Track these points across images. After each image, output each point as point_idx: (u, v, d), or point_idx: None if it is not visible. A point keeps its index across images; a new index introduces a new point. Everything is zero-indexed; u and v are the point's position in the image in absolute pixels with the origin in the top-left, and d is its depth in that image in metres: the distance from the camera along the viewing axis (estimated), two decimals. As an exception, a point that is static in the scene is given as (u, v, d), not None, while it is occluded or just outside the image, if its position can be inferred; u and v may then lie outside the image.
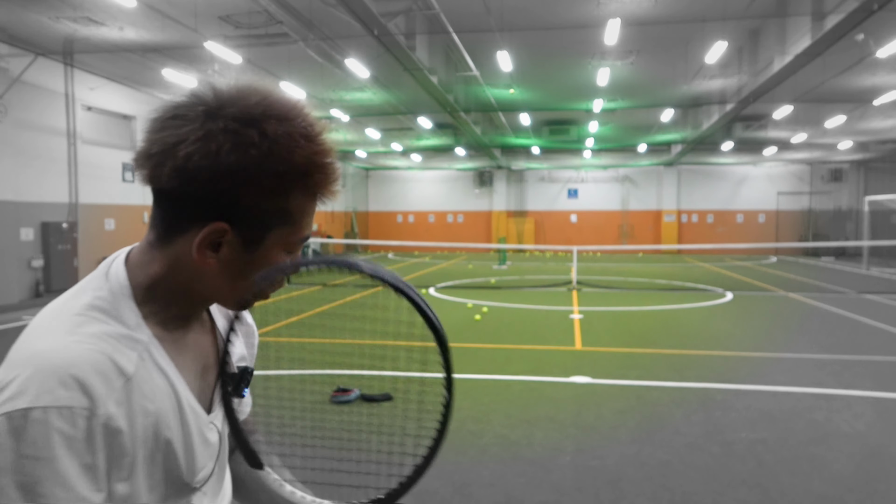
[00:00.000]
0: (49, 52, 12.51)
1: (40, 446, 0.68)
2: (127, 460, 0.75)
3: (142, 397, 0.77)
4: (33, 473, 0.68)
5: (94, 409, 0.71)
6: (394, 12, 10.91)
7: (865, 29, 10.53)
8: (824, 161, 28.20)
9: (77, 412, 0.70)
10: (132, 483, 0.77)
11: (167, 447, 0.81)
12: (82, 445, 0.70)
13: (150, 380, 0.79)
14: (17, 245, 12.82)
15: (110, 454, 0.73)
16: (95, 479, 0.71)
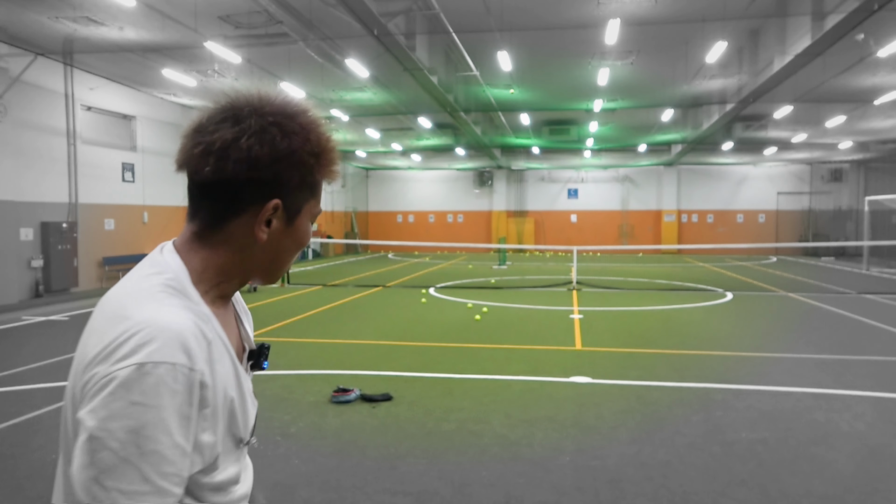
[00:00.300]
0: (49, 51, 12.50)
1: (150, 396, 0.80)
2: (209, 411, 0.89)
3: (216, 360, 0.92)
4: (141, 419, 0.79)
5: (192, 366, 0.85)
6: (394, 12, 10.91)
7: (865, 29, 10.53)
8: (824, 161, 28.20)
9: (180, 368, 0.83)
10: (214, 433, 0.91)
11: (231, 405, 0.95)
12: (183, 397, 0.83)
13: (217, 346, 0.94)
14: (17, 245, 12.81)
15: (200, 406, 0.87)
16: (188, 428, 0.85)
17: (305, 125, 0.99)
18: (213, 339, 0.93)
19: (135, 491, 0.79)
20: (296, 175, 0.98)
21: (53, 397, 5.76)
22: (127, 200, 16.41)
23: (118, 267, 15.81)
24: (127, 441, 0.79)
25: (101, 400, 0.80)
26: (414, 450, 4.46)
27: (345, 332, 8.90)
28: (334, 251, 29.57)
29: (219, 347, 0.94)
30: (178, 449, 0.82)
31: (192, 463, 0.87)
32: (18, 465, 4.22)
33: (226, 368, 0.95)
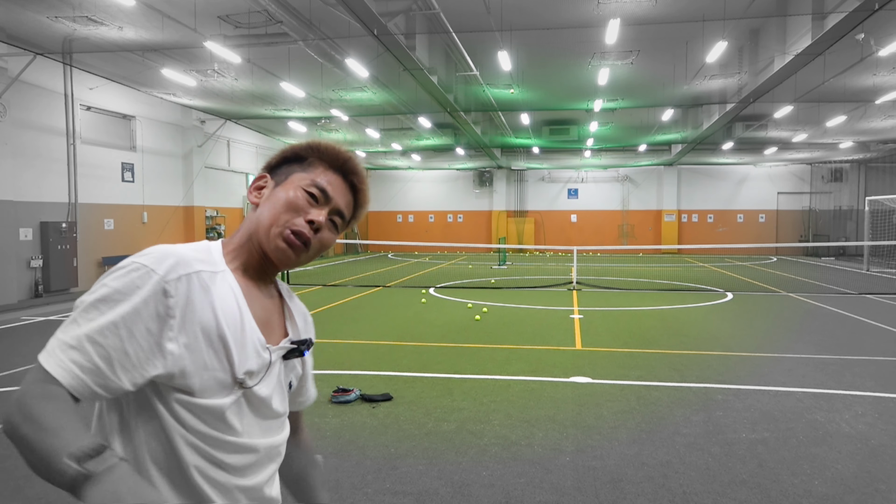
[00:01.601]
0: (48, 51, 12.50)
1: (118, 281, 1.04)
2: (174, 322, 1.04)
3: (208, 291, 1.09)
4: (102, 294, 1.03)
5: (161, 274, 1.04)
6: (394, 12, 10.90)
7: (866, 28, 10.52)
8: (824, 161, 28.19)
9: (148, 272, 1.04)
10: (179, 345, 1.04)
11: (224, 339, 1.09)
12: (142, 294, 1.02)
13: (221, 288, 1.12)
14: (17, 245, 12.81)
15: (164, 311, 1.03)
16: (137, 321, 1.01)
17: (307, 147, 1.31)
18: (211, 279, 1.11)
19: (65, 341, 0.99)
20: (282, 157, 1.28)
21: (53, 397, 5.74)
22: (126, 200, 16.41)
23: (118, 267, 15.81)
24: (85, 305, 1.02)
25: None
26: (414, 450, 4.46)
27: (345, 332, 8.90)
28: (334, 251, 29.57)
29: (221, 289, 1.12)
30: (117, 330, 1.00)
31: (146, 360, 1.02)
32: (18, 465, 4.22)
33: (227, 308, 1.11)
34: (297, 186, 1.21)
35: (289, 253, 1.19)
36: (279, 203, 1.20)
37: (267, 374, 1.18)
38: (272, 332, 1.22)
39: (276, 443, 1.23)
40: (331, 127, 21.65)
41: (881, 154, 26.23)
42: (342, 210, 1.26)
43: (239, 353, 1.11)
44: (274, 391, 1.20)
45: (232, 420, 1.12)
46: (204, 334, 1.07)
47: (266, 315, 1.22)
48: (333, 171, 1.26)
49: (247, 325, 1.14)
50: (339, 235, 1.29)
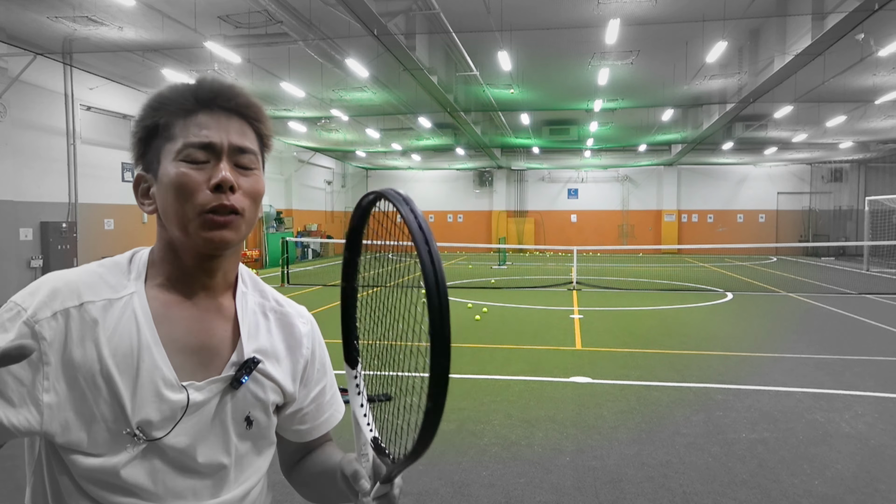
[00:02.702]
0: (48, 51, 12.50)
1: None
2: (50, 369, 0.87)
3: (94, 326, 0.90)
4: None
5: (30, 313, 0.88)
6: (394, 12, 10.90)
7: (866, 28, 10.52)
8: (824, 161, 28.19)
9: (16, 309, 0.88)
10: (59, 395, 0.88)
11: (110, 380, 0.90)
12: (9, 336, 0.86)
13: (118, 318, 0.92)
14: (17, 245, 12.81)
15: (38, 358, 0.87)
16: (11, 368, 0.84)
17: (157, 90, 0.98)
18: (106, 309, 0.92)
19: None
20: (138, 141, 0.99)
21: (53, 397, 5.75)
22: (127, 200, 16.40)
23: (118, 267, 15.81)
24: None
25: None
26: (414, 450, 4.45)
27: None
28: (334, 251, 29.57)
29: (118, 319, 0.92)
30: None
31: (18, 415, 0.86)
32: (18, 465, 4.22)
33: (120, 341, 0.91)
34: (172, 163, 0.93)
35: (224, 235, 0.94)
36: (171, 194, 0.93)
37: (188, 419, 0.94)
38: (212, 358, 0.98)
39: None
40: (331, 127, 21.64)
41: (881, 154, 26.23)
42: (240, 144, 0.96)
43: (130, 399, 0.90)
44: (202, 439, 0.96)
45: (134, 479, 0.91)
46: (86, 379, 0.88)
47: (199, 341, 0.97)
48: (196, 112, 0.95)
49: (145, 361, 0.91)
50: (261, 171, 1.01)
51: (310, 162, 27.01)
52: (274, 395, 1.05)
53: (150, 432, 0.92)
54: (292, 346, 1.09)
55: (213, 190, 0.93)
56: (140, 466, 0.92)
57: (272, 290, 1.12)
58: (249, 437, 1.02)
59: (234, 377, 0.98)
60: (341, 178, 31.16)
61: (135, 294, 0.95)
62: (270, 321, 1.07)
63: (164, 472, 0.94)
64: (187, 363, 0.96)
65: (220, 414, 0.98)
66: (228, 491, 1.00)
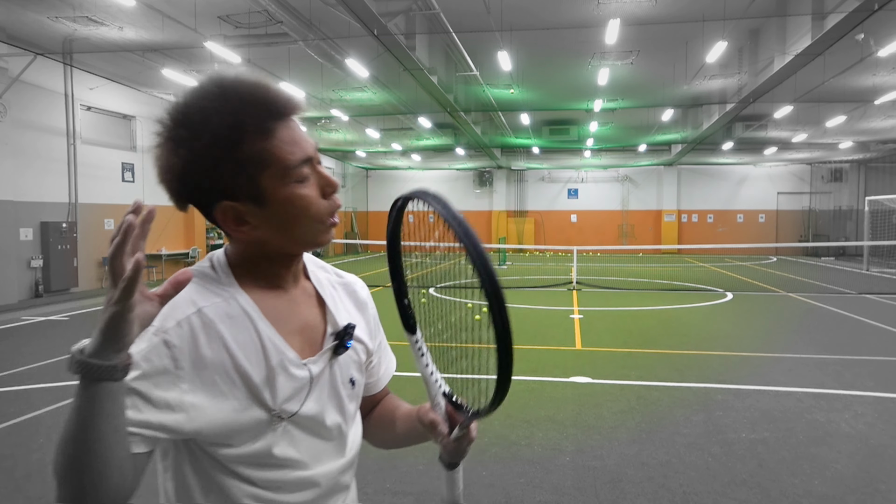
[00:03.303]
0: (48, 51, 12.50)
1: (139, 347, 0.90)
2: (184, 372, 0.93)
3: (214, 326, 0.96)
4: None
5: (154, 324, 0.90)
6: (394, 12, 10.90)
7: (866, 29, 10.53)
8: (824, 161, 28.19)
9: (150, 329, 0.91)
10: (196, 394, 0.93)
11: (245, 373, 0.97)
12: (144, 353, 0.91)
13: (232, 317, 0.98)
14: (17, 245, 12.81)
15: (165, 365, 0.92)
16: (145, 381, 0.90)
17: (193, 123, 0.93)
18: (218, 310, 0.97)
19: None
20: (218, 172, 0.94)
21: (53, 397, 5.76)
22: (127, 200, 16.40)
23: (118, 267, 15.80)
24: None
25: None
26: (414, 450, 4.45)
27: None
28: (334, 251, 29.57)
29: (231, 319, 0.98)
30: (133, 393, 0.89)
31: (170, 418, 0.91)
32: (18, 465, 4.22)
33: (241, 337, 0.98)
34: (283, 188, 0.97)
35: (334, 231, 1.06)
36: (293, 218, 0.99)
37: (312, 390, 1.05)
38: (313, 337, 1.08)
39: (338, 469, 1.10)
40: (331, 127, 21.65)
41: (881, 154, 26.23)
42: (316, 144, 1.04)
43: (269, 386, 0.99)
44: (326, 404, 1.07)
45: (285, 453, 1.02)
46: (220, 376, 0.95)
47: (300, 322, 1.07)
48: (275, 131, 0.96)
49: (269, 349, 1.00)
50: None
51: (310, 162, 26.97)
52: (363, 354, 1.19)
53: (288, 409, 1.01)
54: (361, 308, 1.22)
55: (327, 196, 1.01)
56: (286, 441, 1.02)
57: (325, 263, 1.23)
58: (353, 397, 1.15)
59: (338, 344, 1.09)
60: (341, 178, 31.15)
61: (236, 292, 1.01)
62: (339, 291, 1.18)
63: (304, 440, 1.04)
64: (297, 343, 1.05)
65: (333, 380, 1.09)
66: (348, 448, 1.14)
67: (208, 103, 0.93)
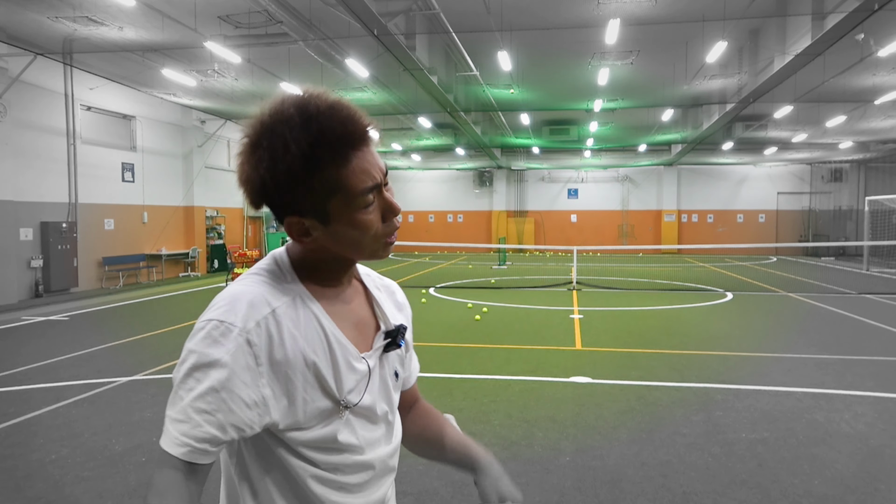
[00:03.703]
0: (48, 51, 12.50)
1: (199, 344, 0.98)
2: (263, 368, 1.00)
3: (289, 325, 1.04)
4: (190, 361, 0.98)
5: (237, 324, 0.99)
6: (394, 12, 10.90)
7: (866, 29, 10.53)
8: (824, 161, 28.19)
9: (225, 325, 0.99)
10: (274, 389, 1.01)
11: (315, 368, 1.05)
12: (226, 349, 0.98)
13: (299, 315, 1.06)
14: (17, 245, 12.81)
15: (248, 362, 0.99)
16: (233, 377, 0.97)
17: (273, 147, 1.00)
18: (289, 310, 1.05)
19: (174, 417, 0.98)
20: (291, 194, 1.03)
21: (53, 397, 5.76)
22: (127, 200, 16.41)
23: (118, 267, 15.81)
24: (181, 376, 0.99)
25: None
26: (414, 450, 4.45)
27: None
28: (334, 251, 29.56)
29: (300, 317, 1.06)
30: (218, 394, 0.97)
31: (252, 414, 1.00)
32: (18, 465, 4.22)
33: (309, 334, 1.06)
34: (350, 212, 1.04)
35: (392, 249, 1.14)
36: (355, 240, 1.07)
37: (370, 382, 1.14)
38: (366, 332, 1.18)
39: (388, 453, 1.20)
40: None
41: (881, 154, 26.23)
42: (385, 169, 1.10)
43: (335, 378, 1.08)
44: (378, 395, 1.17)
45: (347, 440, 1.11)
46: (294, 371, 1.03)
47: (355, 318, 1.16)
48: (350, 159, 1.03)
49: (334, 344, 1.09)
50: None
51: (310, 162, 26.99)
52: (404, 350, 1.29)
53: (351, 400, 1.11)
54: (401, 308, 1.31)
55: (387, 220, 1.09)
56: (348, 429, 1.11)
57: (366, 267, 1.31)
58: (396, 388, 1.25)
59: (391, 342, 1.19)
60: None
61: (301, 292, 1.09)
62: (383, 293, 1.27)
63: (361, 428, 1.14)
64: (353, 337, 1.14)
65: (383, 374, 1.20)
66: (395, 435, 1.24)
67: (289, 132, 1.00)
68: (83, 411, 5.36)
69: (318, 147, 1.00)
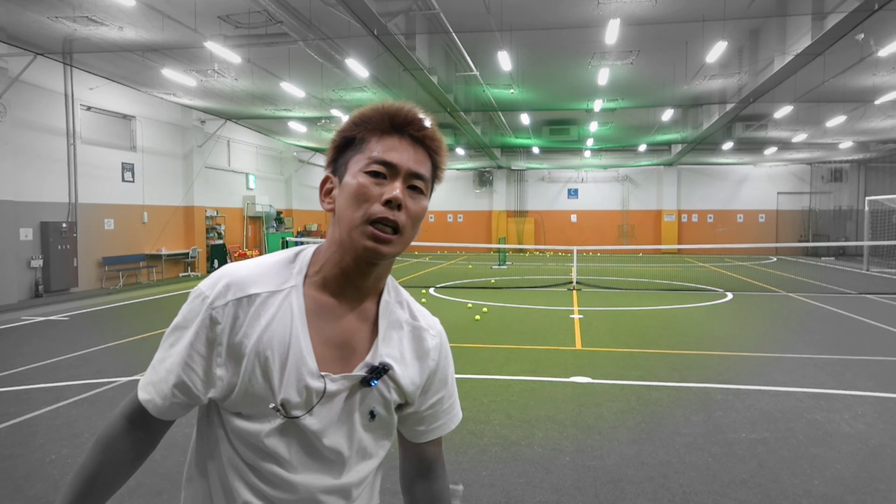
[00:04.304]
0: (48, 51, 12.50)
1: (184, 309, 1.10)
2: (222, 349, 1.05)
3: (261, 313, 1.06)
4: (176, 321, 1.10)
5: (211, 301, 1.06)
6: (394, 12, 10.90)
7: (866, 28, 10.53)
8: (824, 161, 28.20)
9: (203, 299, 1.07)
10: (227, 370, 1.06)
11: (266, 363, 1.05)
12: (198, 319, 1.06)
13: (278, 309, 1.07)
14: (17, 245, 12.81)
15: (213, 338, 1.06)
16: (194, 346, 1.06)
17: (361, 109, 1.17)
18: (269, 300, 1.07)
19: (152, 364, 1.12)
20: (335, 147, 1.14)
21: (53, 397, 5.76)
22: (127, 200, 16.41)
23: (118, 267, 15.81)
24: (168, 331, 1.10)
25: None
26: (414, 450, 4.45)
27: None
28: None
29: (277, 310, 1.07)
30: (182, 359, 1.06)
31: (203, 382, 1.07)
32: (18, 465, 4.22)
33: (276, 330, 1.06)
34: (357, 172, 1.08)
35: (381, 249, 1.05)
36: (348, 199, 1.07)
37: (322, 405, 1.08)
38: (348, 356, 1.11)
39: (321, 487, 1.10)
40: (331, 127, 21.64)
41: (881, 154, 26.24)
42: (417, 171, 1.09)
43: (278, 380, 1.05)
44: (330, 425, 1.09)
45: (273, 447, 1.06)
46: (247, 358, 1.05)
47: (342, 337, 1.11)
48: (389, 134, 1.10)
49: (293, 350, 1.05)
50: (427, 199, 1.13)
51: (310, 162, 27.02)
52: (396, 396, 1.16)
53: (289, 410, 1.06)
54: (420, 357, 1.20)
55: (384, 203, 1.05)
56: (279, 437, 1.07)
57: (411, 301, 1.24)
58: (371, 429, 1.15)
59: (365, 377, 1.11)
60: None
61: (294, 288, 1.09)
62: (404, 331, 1.18)
63: (296, 446, 1.08)
64: (328, 356, 1.09)
65: (349, 406, 1.11)
66: (347, 475, 1.13)
67: (369, 107, 1.16)
68: (83, 411, 5.35)
69: (375, 111, 1.12)
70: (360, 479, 1.15)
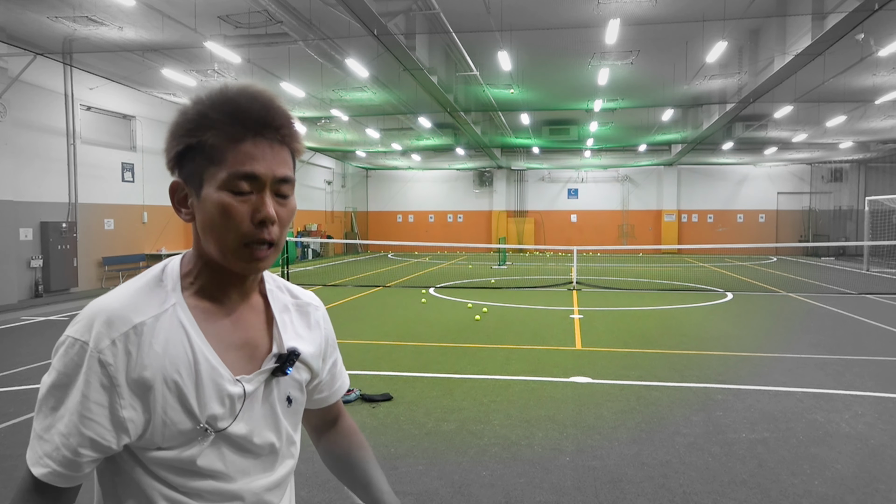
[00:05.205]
0: (48, 51, 12.50)
1: (58, 362, 0.97)
2: (122, 389, 0.95)
3: (152, 341, 0.98)
4: (50, 379, 0.97)
5: (92, 344, 0.95)
6: (394, 12, 10.91)
7: (866, 28, 10.53)
8: (824, 161, 28.20)
9: (79, 344, 0.96)
10: (136, 409, 0.97)
11: (177, 387, 0.98)
12: (82, 370, 0.95)
13: (167, 331, 0.99)
14: (17, 245, 12.81)
15: (103, 382, 0.95)
16: (87, 398, 0.95)
17: (197, 100, 1.01)
18: (155, 325, 0.99)
19: (37, 434, 0.97)
20: (178, 147, 1.00)
21: (53, 397, 5.75)
22: (126, 200, 16.41)
23: (118, 267, 15.81)
24: (43, 393, 0.97)
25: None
26: (414, 450, 4.46)
27: (345, 332, 8.90)
28: (334, 251, 29.58)
29: (167, 332, 0.99)
30: (73, 417, 0.94)
31: (111, 432, 0.96)
32: (18, 465, 4.22)
33: (174, 351, 0.99)
34: (216, 189, 0.98)
35: (259, 266, 1.02)
36: (213, 219, 0.99)
37: (245, 407, 1.05)
38: (254, 354, 1.08)
39: (265, 486, 1.10)
40: (331, 127, 21.64)
41: (881, 154, 26.23)
42: (282, 175, 1.01)
43: (197, 399, 1.00)
44: (258, 423, 1.08)
45: (210, 465, 1.03)
46: (154, 390, 0.97)
47: (241, 338, 1.07)
48: (242, 139, 0.98)
49: (202, 364, 1.01)
50: (293, 193, 1.06)
51: (310, 162, 27.01)
52: (305, 375, 1.18)
53: (216, 424, 1.02)
54: (312, 328, 1.21)
55: (258, 224, 0.99)
56: (212, 454, 1.03)
57: (285, 282, 1.23)
58: (290, 415, 1.15)
59: (278, 368, 1.09)
60: (341, 178, 31.16)
61: (176, 305, 1.02)
62: (292, 312, 1.18)
63: (230, 455, 1.05)
64: (235, 359, 1.05)
65: (269, 399, 1.10)
66: (279, 466, 1.13)
67: (204, 99, 1.01)
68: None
69: (216, 108, 0.98)
70: (292, 466, 1.17)
